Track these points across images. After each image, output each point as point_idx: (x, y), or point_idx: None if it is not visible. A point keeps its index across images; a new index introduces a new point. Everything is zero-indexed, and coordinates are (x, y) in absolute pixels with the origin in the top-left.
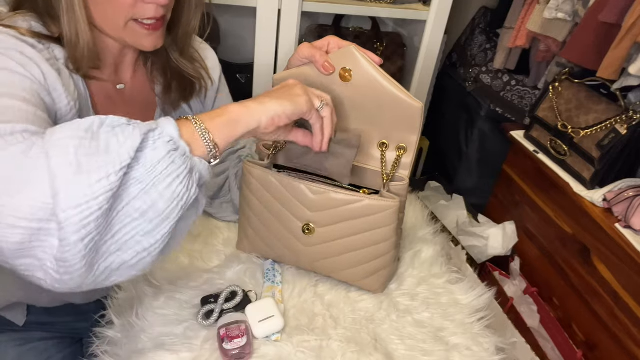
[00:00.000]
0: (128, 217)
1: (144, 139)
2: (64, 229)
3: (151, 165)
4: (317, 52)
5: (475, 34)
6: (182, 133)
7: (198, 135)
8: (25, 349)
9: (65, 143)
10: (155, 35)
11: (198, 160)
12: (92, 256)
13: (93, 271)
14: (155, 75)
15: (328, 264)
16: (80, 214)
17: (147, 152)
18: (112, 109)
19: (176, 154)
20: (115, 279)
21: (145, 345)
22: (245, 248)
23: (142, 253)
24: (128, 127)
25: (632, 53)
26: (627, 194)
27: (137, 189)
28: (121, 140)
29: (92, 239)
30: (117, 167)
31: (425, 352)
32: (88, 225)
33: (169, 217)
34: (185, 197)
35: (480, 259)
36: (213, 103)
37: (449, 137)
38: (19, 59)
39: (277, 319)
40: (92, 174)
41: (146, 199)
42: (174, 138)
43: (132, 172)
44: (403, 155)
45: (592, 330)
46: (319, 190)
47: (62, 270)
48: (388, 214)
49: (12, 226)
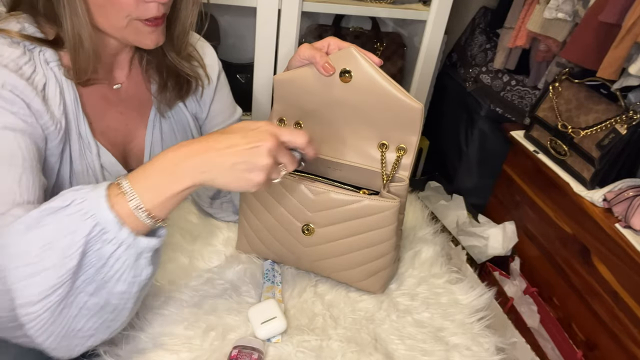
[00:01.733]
0: (90, 311)
1: (84, 244)
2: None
3: (98, 267)
4: (318, 53)
5: (475, 34)
6: (122, 219)
7: (139, 219)
8: (25, 348)
9: (9, 261)
10: (157, 31)
11: (145, 242)
12: (66, 344)
13: (75, 351)
14: (151, 74)
15: (328, 264)
16: (35, 326)
17: (91, 255)
18: (107, 109)
19: (119, 251)
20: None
21: (146, 345)
22: (245, 248)
23: (118, 329)
24: (66, 222)
25: (632, 53)
26: (627, 194)
27: (91, 288)
28: (59, 248)
29: (57, 336)
30: (58, 283)
31: (425, 352)
32: (45, 331)
33: (125, 306)
34: (135, 286)
35: (480, 259)
36: (210, 103)
37: (449, 137)
38: (8, 98)
39: (279, 321)
40: (34, 294)
41: (100, 295)
42: (115, 234)
43: (83, 272)
44: (403, 156)
45: (592, 330)
46: (319, 191)
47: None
48: (388, 215)
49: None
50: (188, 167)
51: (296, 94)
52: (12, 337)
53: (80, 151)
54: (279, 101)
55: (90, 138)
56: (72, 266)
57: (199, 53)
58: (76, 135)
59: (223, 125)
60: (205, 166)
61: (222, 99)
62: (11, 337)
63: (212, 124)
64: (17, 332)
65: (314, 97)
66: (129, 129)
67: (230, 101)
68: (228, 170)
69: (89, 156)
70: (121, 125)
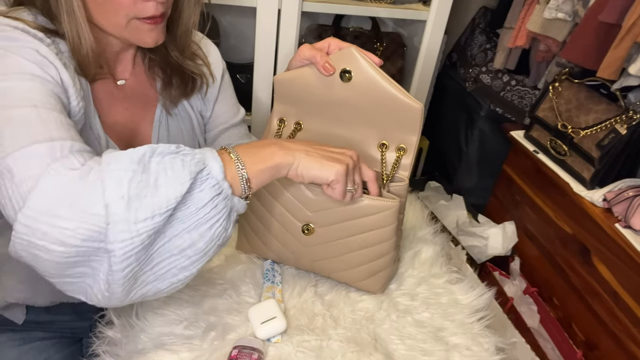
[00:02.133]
0: (168, 253)
1: (193, 180)
2: (111, 257)
3: (196, 208)
4: (318, 53)
5: (475, 34)
6: (225, 174)
7: (238, 178)
8: (24, 348)
9: (119, 175)
10: (157, 30)
11: (237, 201)
12: (131, 284)
13: (130, 296)
14: (156, 72)
15: (328, 264)
16: (123, 248)
17: (194, 195)
18: (113, 104)
19: (219, 198)
20: (146, 299)
21: (145, 345)
22: (245, 248)
23: (176, 284)
24: (177, 159)
25: (632, 53)
26: (627, 194)
27: (179, 228)
28: (170, 177)
29: (132, 270)
30: (163, 209)
31: (425, 352)
32: (129, 258)
33: (206, 254)
34: (222, 237)
35: (480, 259)
36: (215, 102)
37: (449, 137)
38: (36, 59)
39: (279, 321)
40: (139, 212)
41: (187, 237)
42: (219, 181)
43: (177, 212)
44: (403, 156)
45: (592, 330)
46: (319, 190)
47: (105, 288)
48: (388, 214)
49: (75, 246)
50: (286, 147)
51: (296, 94)
52: (62, 277)
53: (89, 143)
54: (280, 101)
55: (100, 130)
56: (180, 195)
57: (203, 51)
58: (88, 125)
59: (226, 125)
60: (298, 150)
61: (226, 99)
62: (59, 278)
63: (215, 123)
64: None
65: (314, 97)
66: (134, 125)
67: (234, 101)
68: (314, 155)
69: (98, 148)
70: (127, 121)
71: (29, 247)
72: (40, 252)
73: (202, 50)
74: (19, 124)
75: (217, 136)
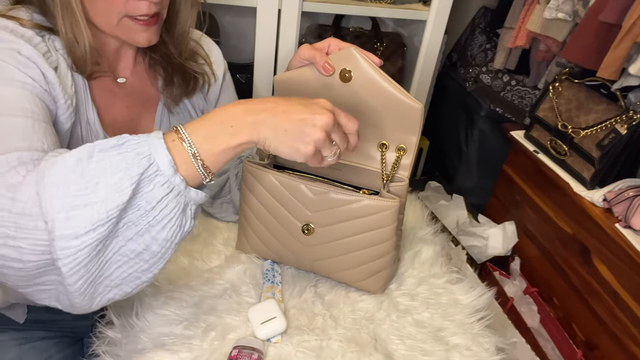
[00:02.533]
0: (124, 257)
1: (137, 182)
2: (60, 271)
3: (145, 211)
4: (318, 53)
5: (475, 34)
6: (177, 166)
7: (194, 168)
8: (25, 348)
9: (52, 191)
10: (150, 31)
11: (194, 193)
12: (91, 292)
13: (95, 303)
14: (157, 70)
15: (328, 264)
16: (68, 264)
17: (143, 195)
18: (113, 102)
19: (169, 196)
20: (117, 299)
21: (145, 345)
22: (244, 248)
23: (142, 285)
24: (118, 159)
25: (632, 53)
26: (627, 194)
27: (132, 232)
28: (110, 183)
29: (85, 281)
30: (104, 220)
31: (425, 352)
32: (78, 272)
33: (163, 256)
34: (178, 235)
35: (480, 259)
36: (216, 101)
37: (449, 137)
38: (17, 60)
39: (279, 321)
40: (78, 226)
41: (140, 241)
42: (169, 178)
43: (127, 214)
44: (403, 156)
45: (592, 330)
46: (319, 190)
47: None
48: (388, 214)
49: (33, 261)
50: (247, 123)
51: (296, 94)
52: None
53: (87, 138)
54: None
55: (98, 127)
56: (121, 203)
57: (204, 50)
58: (85, 122)
59: None
60: (261, 125)
61: (228, 98)
62: (30, 288)
63: None
64: (39, 279)
65: (314, 97)
66: (135, 123)
67: (235, 101)
68: (281, 134)
69: None
70: (127, 119)
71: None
72: (3, 269)
73: (204, 49)
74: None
75: None
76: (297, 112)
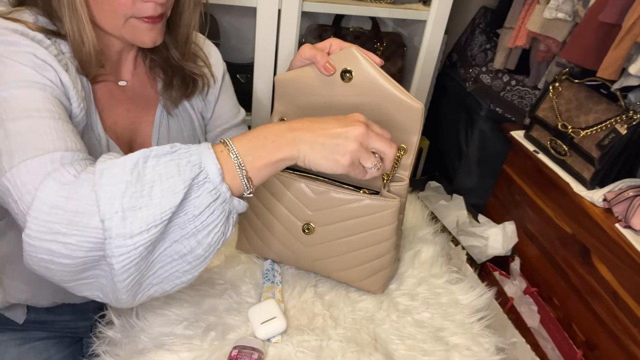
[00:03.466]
0: (169, 258)
1: (189, 187)
2: (112, 269)
3: (193, 215)
4: (318, 53)
5: (475, 34)
6: (224, 175)
7: (238, 179)
8: (25, 348)
9: (112, 190)
10: (155, 29)
11: (237, 202)
12: (136, 289)
13: (137, 298)
14: (157, 72)
15: (328, 264)
16: (121, 262)
17: (191, 201)
18: (114, 105)
19: (216, 203)
20: (156, 297)
21: (145, 345)
22: (245, 248)
23: (180, 285)
24: (172, 164)
25: (632, 53)
26: (627, 194)
27: (178, 234)
28: (165, 187)
29: (134, 279)
30: (158, 221)
31: (425, 352)
32: (129, 269)
33: (206, 259)
34: (221, 241)
35: (480, 259)
36: (215, 102)
37: (449, 137)
38: (35, 63)
39: (279, 321)
40: (134, 226)
41: (186, 244)
42: (216, 186)
43: (175, 218)
44: (403, 155)
45: (592, 330)
46: (320, 190)
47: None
48: (388, 214)
49: (80, 257)
50: (287, 139)
51: (297, 94)
52: (76, 281)
53: (90, 143)
54: (280, 101)
55: (100, 131)
56: (174, 206)
57: (204, 52)
58: (88, 125)
59: (226, 126)
60: (300, 141)
61: (227, 100)
62: (74, 282)
63: (215, 124)
64: (84, 274)
65: (314, 97)
66: (135, 125)
67: (234, 102)
68: (318, 148)
69: (98, 148)
70: (127, 123)
71: (39, 262)
72: (50, 265)
73: (204, 51)
74: (13, 139)
75: (217, 137)
76: (332, 127)
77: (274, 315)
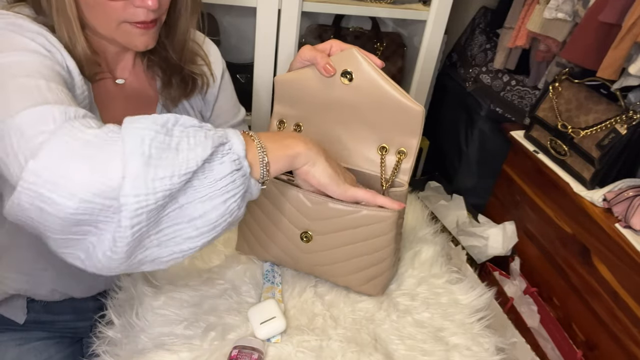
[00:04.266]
0: (177, 219)
1: (214, 151)
2: (121, 211)
3: (214, 179)
4: (319, 54)
5: (475, 34)
6: (247, 153)
7: (258, 160)
8: (24, 348)
9: (141, 133)
10: (148, 35)
11: (254, 183)
12: (135, 245)
13: (130, 259)
14: (156, 71)
15: (327, 270)
16: (137, 203)
17: (213, 166)
18: (112, 103)
19: (238, 173)
20: (144, 269)
21: (145, 345)
22: (244, 250)
23: (177, 253)
24: (200, 131)
25: (632, 53)
26: (627, 194)
27: (193, 197)
28: (192, 143)
29: (140, 229)
30: (182, 171)
31: (425, 352)
32: (141, 215)
33: (215, 228)
34: (235, 214)
35: (480, 259)
36: (214, 101)
37: (449, 137)
38: (43, 42)
39: (279, 321)
40: (158, 170)
41: (199, 207)
42: (240, 157)
43: (194, 179)
44: (403, 159)
45: (592, 330)
46: (317, 200)
47: (109, 247)
48: (387, 224)
49: (86, 201)
50: (301, 140)
51: (297, 95)
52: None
53: None
54: (280, 102)
55: None
56: (200, 160)
57: (204, 51)
58: None
59: (227, 125)
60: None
61: (226, 98)
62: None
63: (216, 124)
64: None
65: (314, 98)
66: None
67: (234, 101)
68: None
69: None
70: None
71: (36, 198)
72: (46, 205)
73: (203, 49)
74: (28, 89)
75: None
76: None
77: (274, 315)
